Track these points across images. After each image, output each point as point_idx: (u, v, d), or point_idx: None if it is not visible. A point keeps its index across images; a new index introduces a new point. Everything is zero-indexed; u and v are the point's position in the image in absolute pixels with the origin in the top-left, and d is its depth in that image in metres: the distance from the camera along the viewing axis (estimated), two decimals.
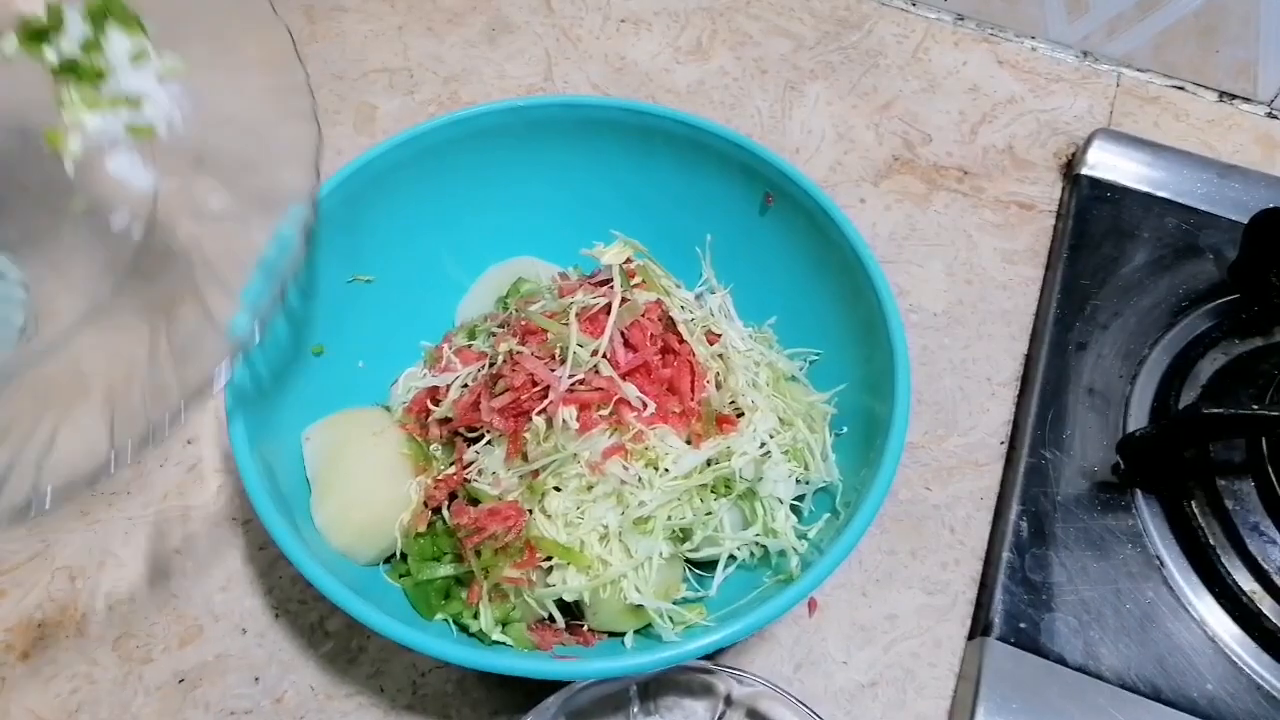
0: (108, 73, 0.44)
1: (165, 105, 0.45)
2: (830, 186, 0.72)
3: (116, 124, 0.44)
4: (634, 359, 0.48)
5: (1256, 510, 0.54)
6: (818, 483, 0.51)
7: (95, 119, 0.44)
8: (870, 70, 0.80)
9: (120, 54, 0.44)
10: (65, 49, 0.44)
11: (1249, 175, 0.71)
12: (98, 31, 0.44)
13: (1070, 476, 0.58)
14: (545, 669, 0.42)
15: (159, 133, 0.45)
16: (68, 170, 0.44)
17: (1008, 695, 0.50)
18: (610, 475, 0.47)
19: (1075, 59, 0.81)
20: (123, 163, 0.46)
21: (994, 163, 0.74)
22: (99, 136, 0.44)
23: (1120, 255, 0.67)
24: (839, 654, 0.54)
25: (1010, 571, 0.55)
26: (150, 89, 0.45)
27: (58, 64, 0.44)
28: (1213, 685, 0.51)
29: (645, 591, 0.46)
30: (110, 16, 0.44)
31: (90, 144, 0.44)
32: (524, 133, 0.58)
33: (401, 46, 0.80)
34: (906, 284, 0.68)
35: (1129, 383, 0.62)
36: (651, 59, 0.80)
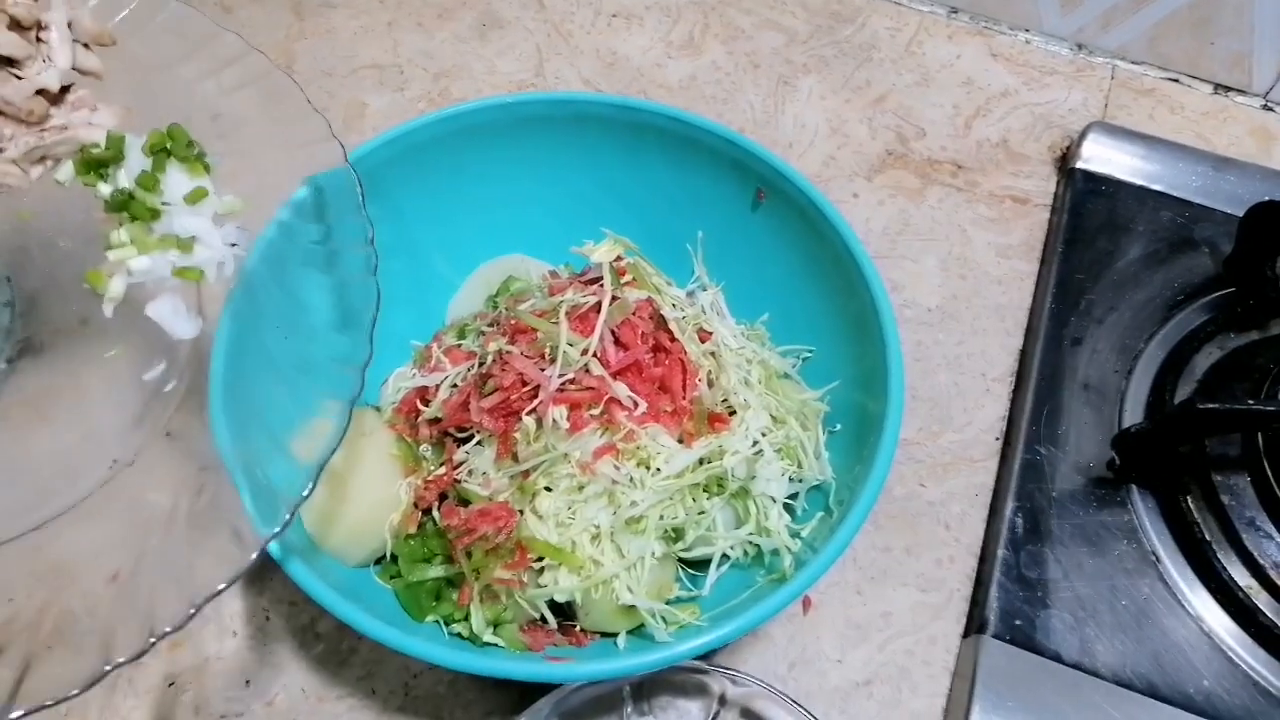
0: (162, 212, 0.43)
1: (218, 248, 0.44)
2: (823, 181, 0.71)
3: (164, 266, 0.42)
4: (625, 358, 0.48)
5: (1252, 505, 0.54)
6: (811, 481, 0.51)
7: (144, 260, 0.42)
8: (863, 64, 0.79)
9: (178, 192, 0.43)
10: (122, 182, 0.42)
11: (1244, 168, 0.71)
12: (157, 167, 0.43)
13: (1065, 472, 0.58)
14: (537, 672, 0.42)
15: (208, 277, 0.43)
16: (105, 312, 0.42)
17: (1003, 693, 0.50)
18: (601, 475, 0.46)
19: (1069, 52, 0.81)
20: (165, 308, 0.43)
21: (988, 157, 0.74)
22: (144, 277, 0.42)
23: (1115, 249, 0.67)
24: (833, 652, 0.53)
25: (1005, 568, 0.54)
26: (204, 230, 0.43)
27: (110, 198, 0.42)
28: (1209, 681, 0.51)
29: (638, 592, 0.46)
30: (172, 153, 0.43)
31: (134, 283, 0.42)
32: (514, 129, 0.58)
33: (391, 43, 0.79)
34: (900, 279, 0.67)
35: (1124, 378, 0.61)
36: (643, 54, 0.79)
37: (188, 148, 0.43)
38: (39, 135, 0.40)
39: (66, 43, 0.41)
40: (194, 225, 0.43)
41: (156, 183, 0.42)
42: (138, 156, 0.43)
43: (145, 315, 0.43)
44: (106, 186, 0.42)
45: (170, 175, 0.43)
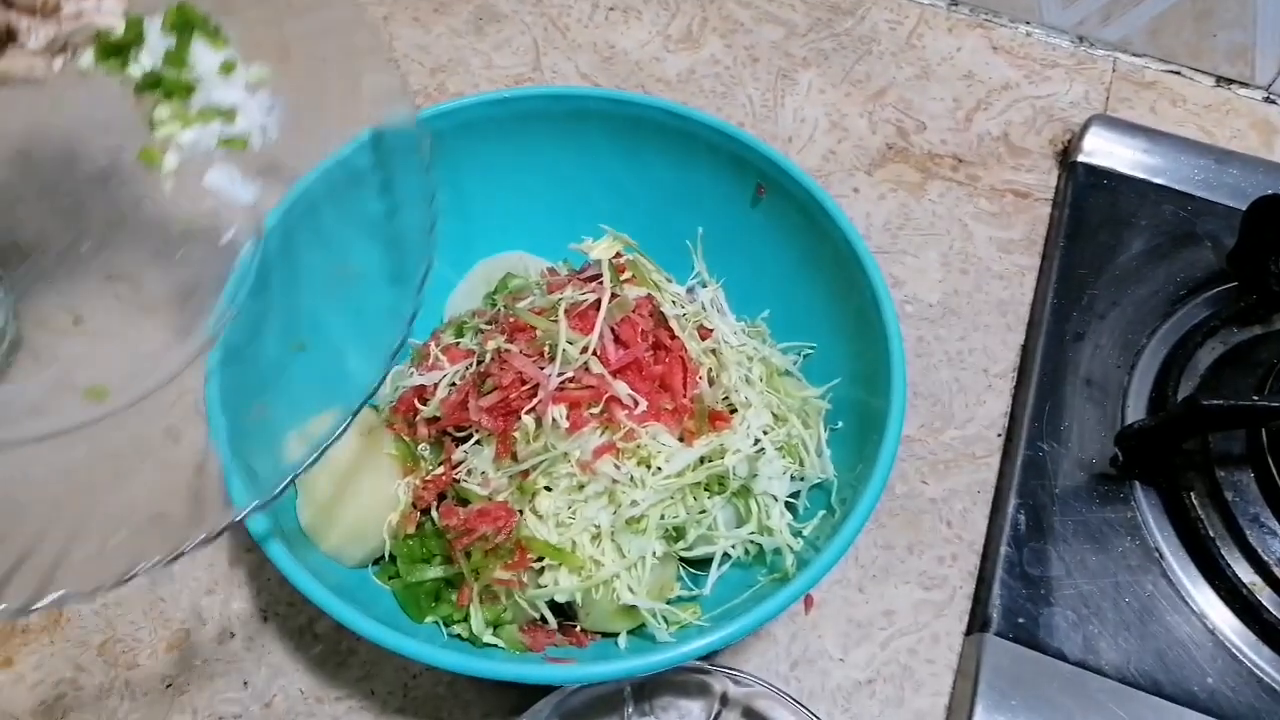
0: (196, 86, 0.43)
1: (257, 115, 0.44)
2: (823, 176, 0.71)
3: (210, 137, 0.43)
4: (625, 356, 0.47)
5: (1256, 501, 0.53)
6: (813, 479, 0.50)
7: (190, 134, 0.43)
8: (863, 57, 0.79)
9: (207, 66, 0.43)
10: (147, 63, 0.42)
11: (1247, 161, 0.70)
12: (181, 45, 0.43)
13: (1068, 469, 0.58)
14: (537, 674, 0.42)
15: (252, 144, 0.44)
16: (165, 189, 0.43)
17: (1006, 691, 0.50)
18: (602, 474, 0.46)
19: (1070, 44, 0.80)
20: (221, 176, 0.44)
21: (989, 150, 0.73)
22: (193, 151, 0.43)
23: (1117, 243, 0.67)
24: (836, 651, 0.53)
25: (1008, 566, 0.54)
26: (241, 99, 0.44)
27: (140, 80, 0.42)
28: (1213, 678, 0.51)
29: (638, 591, 0.46)
30: (193, 28, 0.43)
31: (186, 158, 0.43)
32: (511, 125, 0.57)
33: (387, 37, 0.79)
34: (901, 275, 0.67)
35: (1127, 373, 0.61)
36: (641, 48, 0.79)
37: (205, 22, 0.43)
38: (56, 24, 0.40)
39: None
40: (231, 96, 0.43)
41: (184, 59, 0.42)
42: (156, 38, 0.43)
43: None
44: (136, 68, 0.42)
45: (196, 51, 0.43)
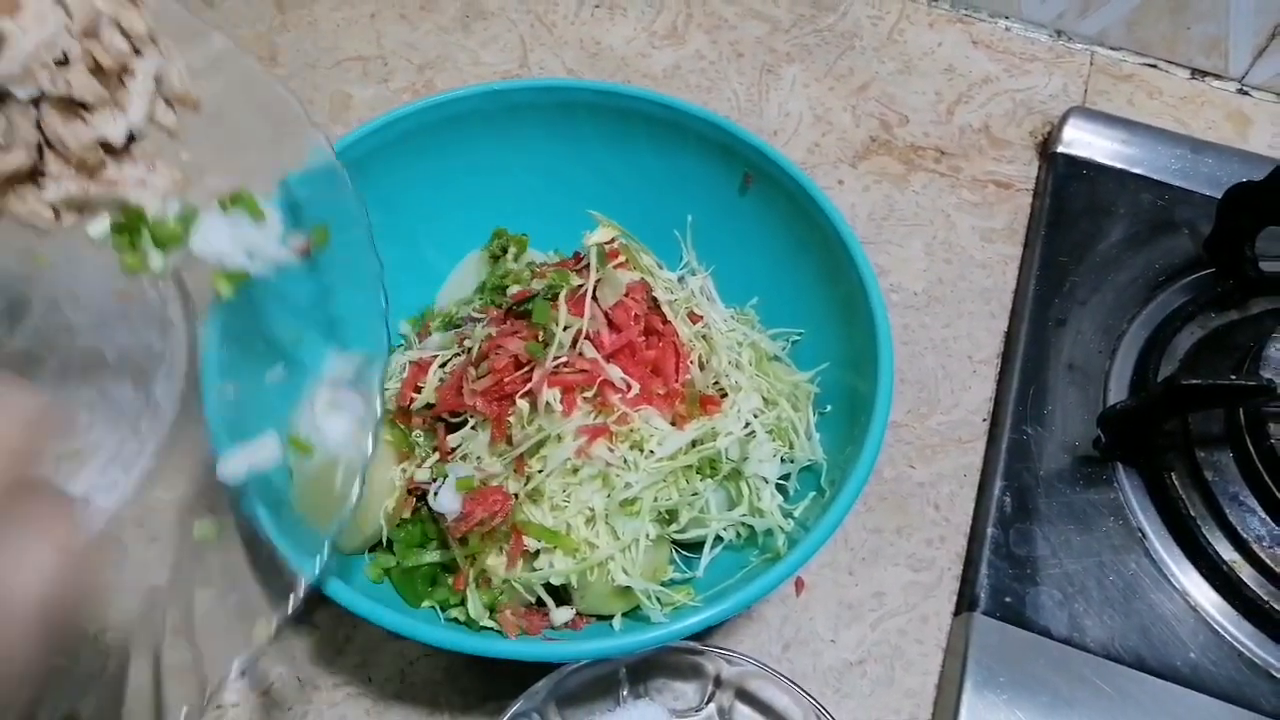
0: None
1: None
2: (809, 169, 0.72)
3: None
4: (618, 340, 0.48)
5: (1235, 481, 0.55)
6: (803, 461, 0.51)
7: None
8: (846, 52, 0.80)
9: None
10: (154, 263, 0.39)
11: (1221, 151, 0.72)
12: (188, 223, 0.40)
13: (1052, 452, 0.59)
14: (534, 651, 0.42)
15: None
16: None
17: (994, 669, 0.51)
18: (596, 458, 0.46)
19: (1049, 38, 0.82)
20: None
21: (971, 142, 0.75)
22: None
23: (1097, 232, 0.68)
24: (827, 633, 0.54)
25: (995, 547, 0.55)
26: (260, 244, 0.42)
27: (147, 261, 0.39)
28: (1195, 653, 0.52)
29: (633, 573, 0.46)
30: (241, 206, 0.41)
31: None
32: (500, 117, 0.58)
33: (374, 34, 0.79)
34: (886, 264, 0.68)
35: (1108, 358, 0.62)
36: (627, 44, 0.79)
37: (255, 205, 0.41)
38: (86, 182, 0.37)
39: (146, 96, 0.37)
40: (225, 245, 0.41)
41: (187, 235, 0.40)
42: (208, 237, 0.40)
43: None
44: (154, 260, 0.39)
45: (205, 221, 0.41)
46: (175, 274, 0.41)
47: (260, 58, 0.77)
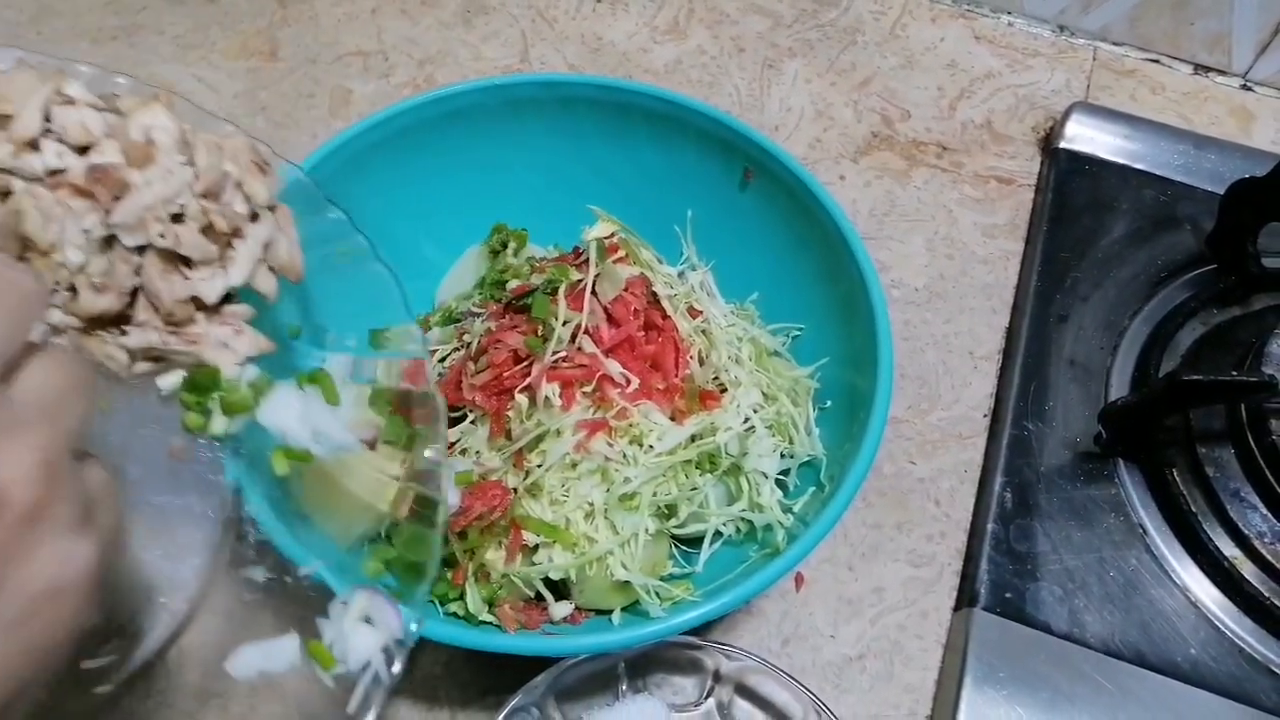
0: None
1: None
2: (810, 164, 0.72)
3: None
4: (617, 334, 0.48)
5: (1237, 477, 0.54)
6: (802, 457, 0.51)
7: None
8: (848, 47, 0.79)
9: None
10: (218, 426, 0.38)
11: (1224, 146, 0.72)
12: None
13: (1053, 447, 0.58)
14: (533, 646, 0.42)
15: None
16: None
17: (994, 665, 0.50)
18: (595, 452, 0.46)
19: (1052, 33, 0.81)
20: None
21: (973, 138, 0.74)
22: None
23: (1099, 227, 0.68)
24: (826, 628, 0.54)
25: (995, 543, 0.55)
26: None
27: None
28: (1195, 649, 0.51)
29: (631, 568, 0.46)
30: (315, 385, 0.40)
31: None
32: (501, 112, 0.57)
33: (375, 29, 0.79)
34: (888, 260, 0.68)
35: (1110, 354, 0.62)
36: (629, 39, 0.79)
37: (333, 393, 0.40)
38: (167, 336, 0.35)
39: (252, 261, 0.36)
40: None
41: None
42: (280, 410, 0.39)
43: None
44: (217, 423, 0.38)
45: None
46: (232, 439, 0.40)
47: (260, 52, 0.77)
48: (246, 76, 0.76)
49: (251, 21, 0.79)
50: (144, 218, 0.31)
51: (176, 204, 0.32)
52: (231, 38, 0.78)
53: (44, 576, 0.23)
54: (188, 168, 0.32)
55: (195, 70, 0.76)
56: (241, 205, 0.35)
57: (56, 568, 0.24)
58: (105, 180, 0.30)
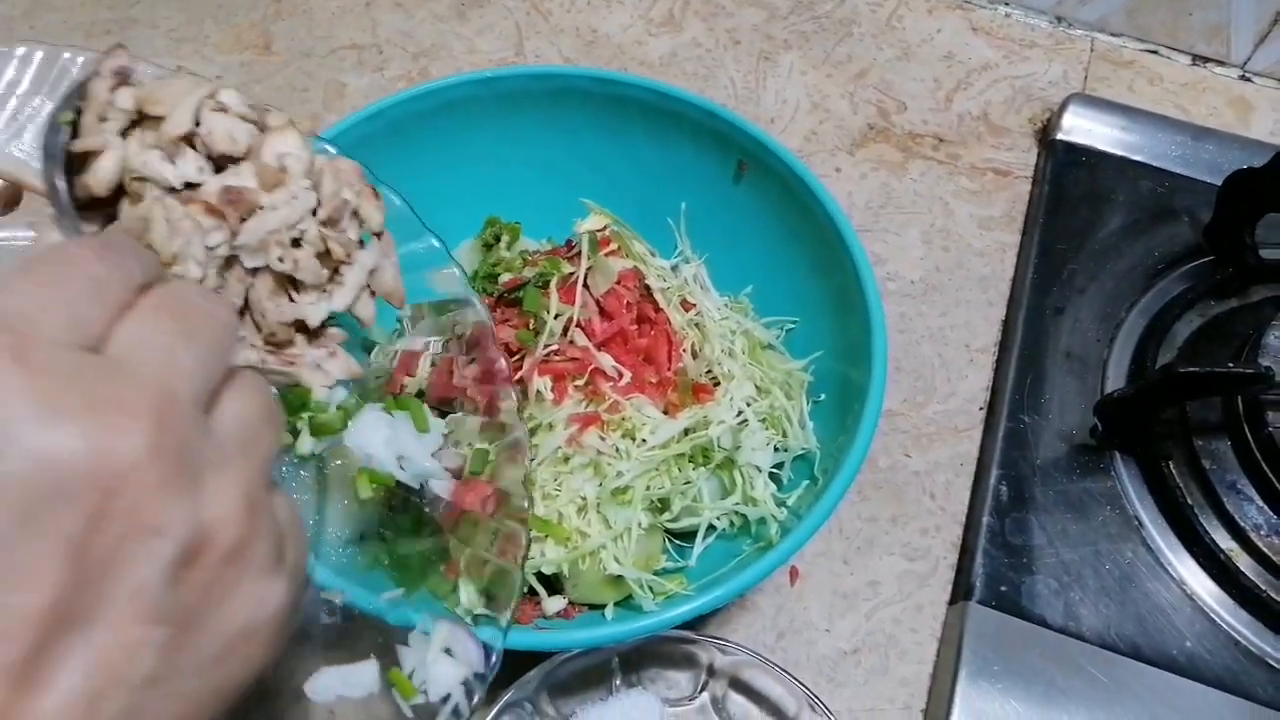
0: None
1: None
2: (806, 156, 0.71)
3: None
4: (609, 328, 0.48)
5: (1233, 469, 0.54)
6: (796, 450, 0.51)
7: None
8: (844, 39, 0.79)
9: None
10: (305, 445, 0.39)
11: (1222, 138, 0.71)
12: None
13: (1049, 440, 0.58)
14: (526, 640, 0.42)
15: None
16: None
17: (989, 658, 0.50)
18: (587, 446, 0.46)
19: (1049, 24, 0.81)
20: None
21: (969, 130, 0.74)
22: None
23: (1096, 219, 0.67)
24: (821, 622, 0.54)
25: (990, 536, 0.55)
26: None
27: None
28: (1191, 642, 0.51)
29: (624, 562, 0.46)
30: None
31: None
32: (494, 105, 0.57)
33: (370, 22, 0.79)
34: (884, 252, 0.67)
35: (1106, 346, 0.62)
36: (623, 31, 0.79)
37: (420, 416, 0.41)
38: (265, 355, 0.35)
39: (356, 287, 0.36)
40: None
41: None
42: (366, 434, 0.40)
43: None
44: (303, 444, 0.39)
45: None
46: (318, 459, 0.41)
47: (254, 46, 0.77)
48: (240, 70, 0.75)
49: (245, 15, 0.78)
50: (267, 241, 0.32)
51: (299, 229, 0.32)
52: (225, 31, 0.78)
53: (241, 616, 0.23)
54: (312, 193, 0.33)
55: (189, 64, 0.75)
56: (354, 231, 0.35)
57: (253, 608, 0.23)
58: (237, 201, 0.31)
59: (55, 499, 0.19)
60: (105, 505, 0.20)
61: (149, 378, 0.22)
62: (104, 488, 0.20)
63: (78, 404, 0.20)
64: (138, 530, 0.20)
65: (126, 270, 0.24)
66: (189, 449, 0.22)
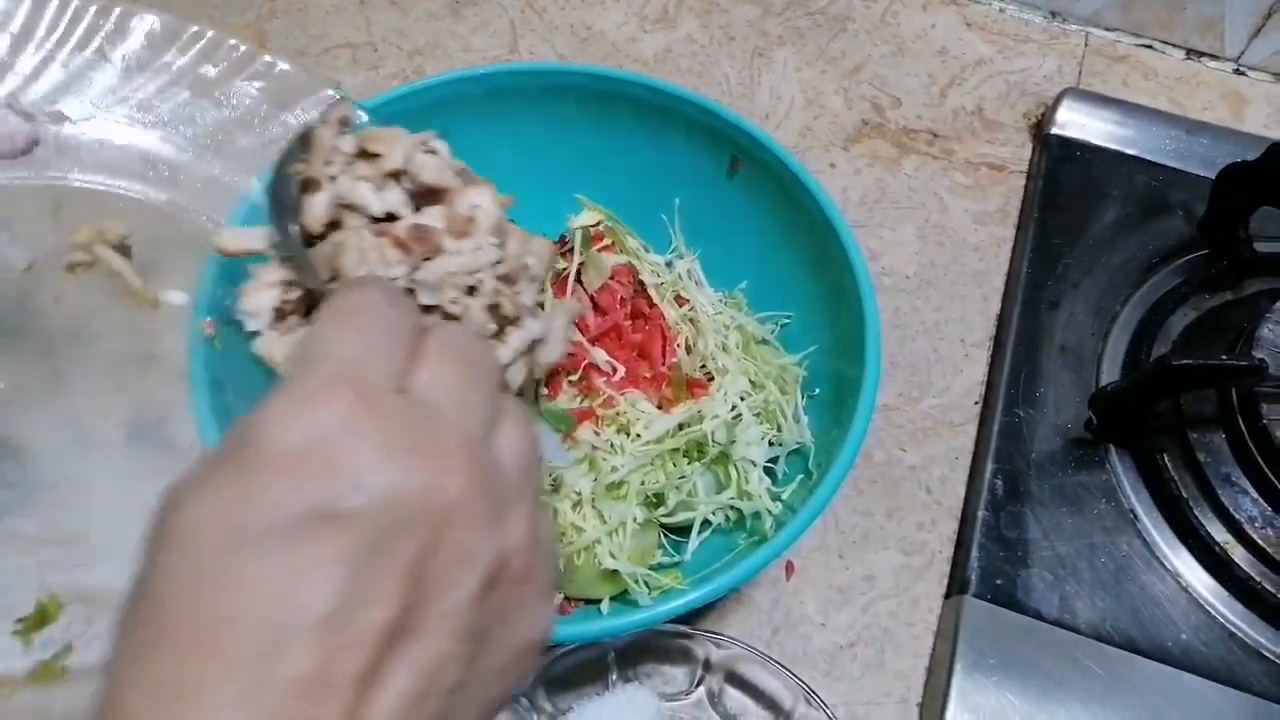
0: None
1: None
2: (800, 152, 0.71)
3: None
4: (603, 323, 0.48)
5: (1228, 462, 0.54)
6: (790, 444, 0.51)
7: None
8: (838, 35, 0.79)
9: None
10: None
11: (1217, 131, 0.71)
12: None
13: (1044, 434, 0.58)
14: None
15: None
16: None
17: (985, 651, 0.50)
18: (582, 441, 0.46)
19: (1043, 19, 0.81)
20: None
21: (964, 125, 0.74)
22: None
23: (1091, 214, 0.67)
24: (817, 616, 0.54)
25: (986, 529, 0.55)
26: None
27: None
28: (1187, 635, 0.51)
29: (620, 556, 0.46)
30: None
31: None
32: (487, 102, 0.57)
33: (364, 21, 0.79)
34: (878, 248, 0.67)
35: (1101, 340, 0.62)
36: (618, 28, 0.79)
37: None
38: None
39: (516, 351, 0.37)
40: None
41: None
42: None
43: None
44: None
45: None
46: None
47: (250, 44, 0.77)
48: None
49: (240, 14, 0.78)
50: (444, 282, 0.33)
51: (476, 278, 0.34)
52: (220, 30, 0.78)
53: (522, 635, 0.26)
54: (496, 249, 0.35)
55: None
56: (529, 296, 0.37)
57: (532, 627, 0.26)
58: (424, 239, 0.33)
59: (399, 530, 0.22)
60: (436, 536, 0.23)
61: (454, 420, 0.24)
62: (436, 521, 0.23)
63: (411, 446, 0.23)
64: (458, 558, 0.23)
65: (411, 314, 0.27)
66: (494, 484, 0.24)
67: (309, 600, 0.21)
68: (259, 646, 0.20)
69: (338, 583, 0.21)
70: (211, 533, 0.21)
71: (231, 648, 0.20)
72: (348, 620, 0.21)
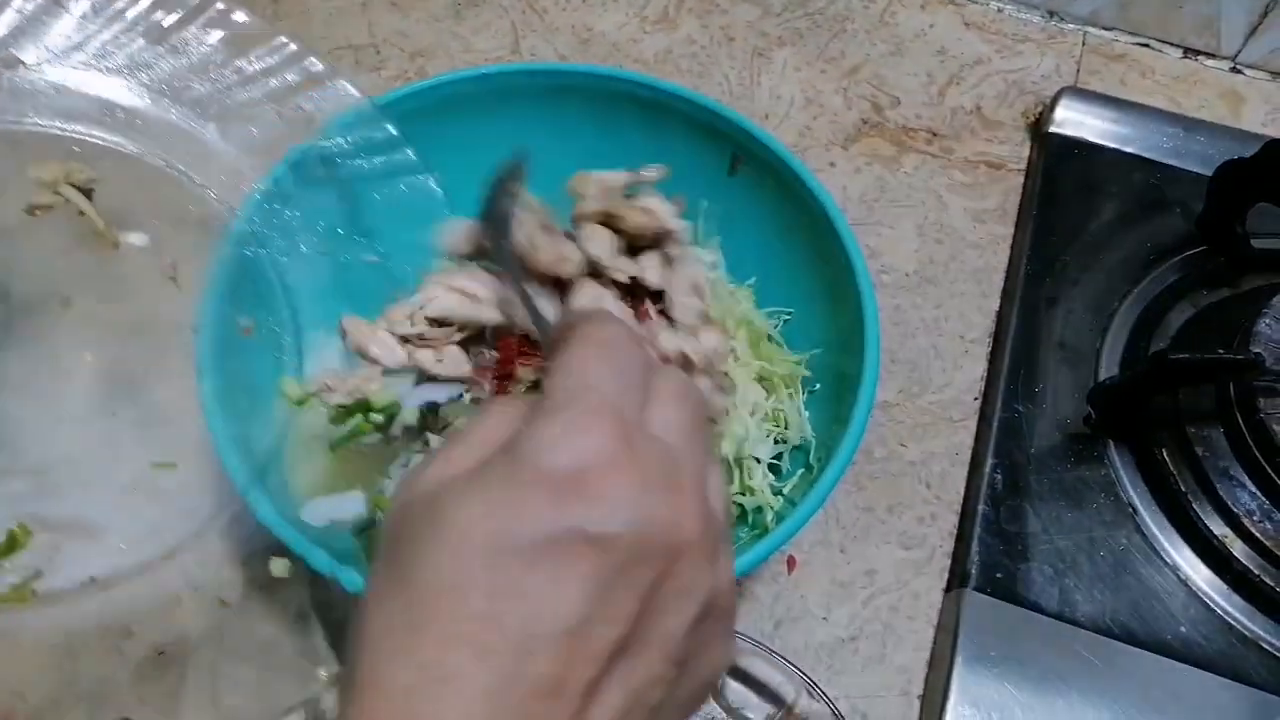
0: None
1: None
2: (800, 151, 0.72)
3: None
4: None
5: (1226, 456, 0.55)
6: (794, 441, 0.51)
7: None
8: (838, 35, 0.80)
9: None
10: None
11: (1214, 129, 0.72)
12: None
13: (1043, 429, 0.59)
14: None
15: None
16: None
17: (985, 644, 0.51)
18: None
19: (1041, 19, 0.82)
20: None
21: (962, 123, 0.75)
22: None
23: (1089, 211, 0.68)
24: (819, 610, 0.54)
25: (986, 524, 0.55)
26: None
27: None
28: (1186, 628, 0.52)
29: None
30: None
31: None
32: (488, 102, 0.58)
33: (366, 23, 0.79)
34: (878, 245, 0.68)
35: (1099, 336, 0.62)
36: (619, 29, 0.79)
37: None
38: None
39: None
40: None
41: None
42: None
43: None
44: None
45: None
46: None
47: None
48: None
49: None
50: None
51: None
52: None
53: (710, 667, 0.27)
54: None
55: None
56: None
57: (718, 661, 0.28)
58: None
59: (642, 559, 0.24)
60: (669, 567, 0.24)
61: (688, 462, 0.26)
62: (671, 554, 0.24)
63: (661, 484, 0.25)
64: (682, 590, 0.25)
65: (648, 355, 0.29)
66: (713, 527, 0.26)
67: (561, 611, 0.23)
68: (514, 646, 0.22)
69: (586, 599, 0.23)
70: (484, 537, 0.23)
71: (491, 644, 0.22)
72: (588, 633, 0.23)
